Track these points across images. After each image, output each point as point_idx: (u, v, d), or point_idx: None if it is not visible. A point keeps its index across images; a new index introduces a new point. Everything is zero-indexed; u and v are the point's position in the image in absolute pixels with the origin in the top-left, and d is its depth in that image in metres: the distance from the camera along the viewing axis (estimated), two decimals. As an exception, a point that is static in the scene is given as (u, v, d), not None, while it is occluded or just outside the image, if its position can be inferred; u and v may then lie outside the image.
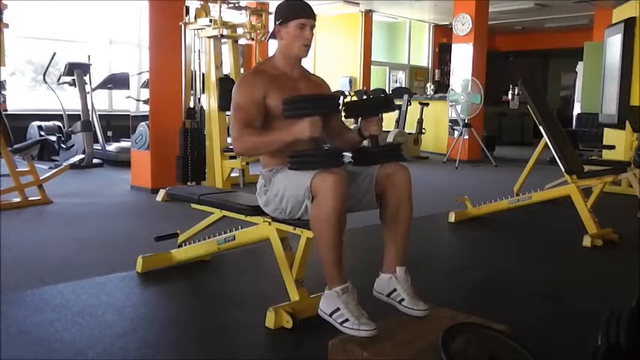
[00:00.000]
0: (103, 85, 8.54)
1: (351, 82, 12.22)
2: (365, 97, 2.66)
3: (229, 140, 5.92)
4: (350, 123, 9.18)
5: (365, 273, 2.58)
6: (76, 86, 7.74)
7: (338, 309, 2.21)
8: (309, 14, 2.51)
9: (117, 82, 8.66)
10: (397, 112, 9.79)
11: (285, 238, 2.71)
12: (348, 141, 2.63)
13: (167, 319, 2.74)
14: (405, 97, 9.96)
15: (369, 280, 2.50)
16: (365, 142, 2.61)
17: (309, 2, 2.57)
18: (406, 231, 2.44)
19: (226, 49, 6.00)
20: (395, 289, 2.38)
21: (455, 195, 5.17)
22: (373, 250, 2.54)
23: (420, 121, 9.86)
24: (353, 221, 2.33)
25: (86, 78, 7.88)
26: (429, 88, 12.51)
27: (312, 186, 2.23)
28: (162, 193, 5.50)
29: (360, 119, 2.57)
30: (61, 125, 8.38)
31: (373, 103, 2.63)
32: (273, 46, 2.70)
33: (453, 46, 10.11)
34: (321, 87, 2.69)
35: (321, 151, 2.38)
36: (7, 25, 4.91)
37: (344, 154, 2.41)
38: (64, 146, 8.00)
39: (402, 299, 2.35)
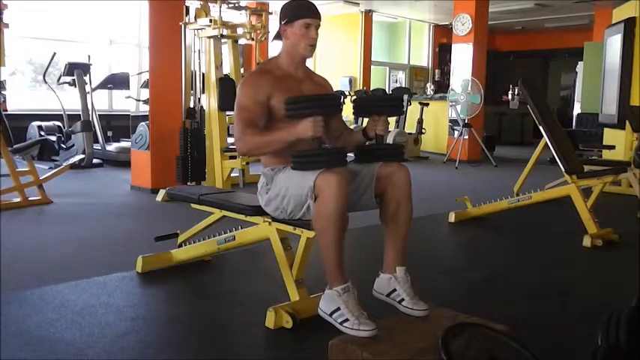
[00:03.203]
0: (103, 85, 8.54)
1: (351, 82, 12.22)
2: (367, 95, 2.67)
3: (229, 140, 5.93)
4: (350, 122, 9.19)
5: (365, 273, 2.58)
6: (76, 86, 7.74)
7: (338, 308, 2.20)
8: (315, 14, 2.51)
9: (117, 82, 8.66)
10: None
11: (285, 238, 2.71)
12: (351, 141, 2.62)
13: (167, 319, 2.74)
14: (405, 97, 9.95)
15: (369, 279, 2.50)
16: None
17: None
18: (406, 231, 2.44)
19: (226, 49, 6.00)
20: (395, 289, 2.38)
21: (455, 195, 5.17)
22: (373, 250, 2.54)
23: (420, 121, 9.86)
24: (353, 221, 2.33)
25: (86, 78, 7.87)
26: (429, 88, 12.50)
27: (315, 186, 2.23)
28: (162, 193, 5.49)
29: (364, 119, 2.58)
30: (61, 125, 8.37)
31: (380, 102, 2.64)
32: (273, 46, 2.70)
33: (453, 46, 10.11)
34: (323, 87, 2.69)
35: (324, 150, 2.37)
36: (7, 25, 4.91)
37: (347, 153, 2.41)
38: (64, 146, 8.00)
39: (402, 299, 2.35)
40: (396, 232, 2.43)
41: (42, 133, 8.37)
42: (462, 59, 9.85)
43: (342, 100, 9.77)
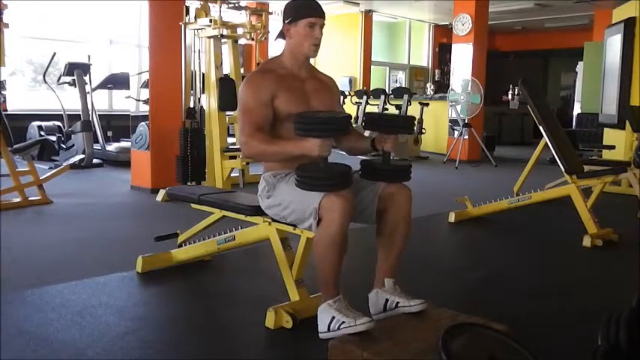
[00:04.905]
0: (103, 85, 8.53)
1: (351, 82, 12.23)
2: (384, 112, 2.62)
3: (229, 140, 5.93)
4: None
5: (365, 273, 2.58)
6: (76, 86, 7.73)
7: (333, 317, 2.22)
8: (319, 13, 2.48)
9: (117, 82, 8.66)
10: (397, 112, 9.79)
11: (285, 238, 2.71)
12: (358, 148, 2.62)
13: (167, 319, 2.74)
14: (405, 97, 9.96)
15: (369, 280, 2.50)
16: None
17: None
18: (400, 252, 2.44)
19: (226, 49, 6.00)
20: (387, 299, 2.39)
21: (455, 195, 5.17)
22: (373, 250, 2.54)
23: (420, 121, 9.85)
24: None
25: (86, 78, 7.87)
26: (429, 88, 12.51)
27: (319, 208, 2.22)
28: (162, 193, 5.49)
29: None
30: (61, 125, 8.37)
31: (393, 122, 2.62)
32: (273, 46, 2.69)
33: (453, 46, 10.11)
34: (327, 86, 2.68)
35: (330, 171, 2.31)
36: (7, 25, 4.91)
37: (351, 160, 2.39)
38: (64, 146, 7.99)
39: (397, 302, 2.35)
40: (390, 251, 2.44)
41: (42, 133, 8.37)
42: (462, 59, 9.85)
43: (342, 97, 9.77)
